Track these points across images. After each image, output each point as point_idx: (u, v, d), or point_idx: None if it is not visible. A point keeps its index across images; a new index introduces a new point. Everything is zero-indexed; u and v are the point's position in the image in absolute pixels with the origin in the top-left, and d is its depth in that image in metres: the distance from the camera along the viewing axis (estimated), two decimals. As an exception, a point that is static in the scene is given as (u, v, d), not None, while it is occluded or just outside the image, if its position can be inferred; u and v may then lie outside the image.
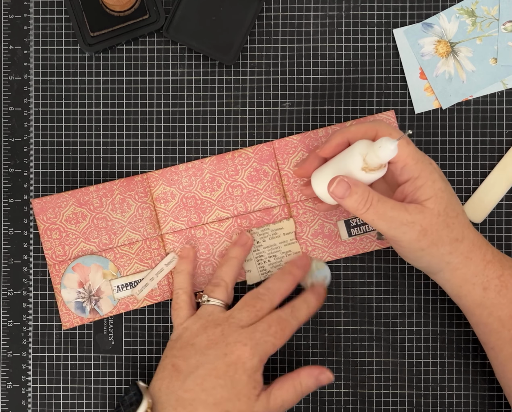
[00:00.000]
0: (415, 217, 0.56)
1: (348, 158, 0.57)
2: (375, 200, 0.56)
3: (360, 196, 0.56)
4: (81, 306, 0.68)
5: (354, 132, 0.58)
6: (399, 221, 0.56)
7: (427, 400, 0.68)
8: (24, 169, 0.70)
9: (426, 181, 0.57)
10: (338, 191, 0.56)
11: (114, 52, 0.69)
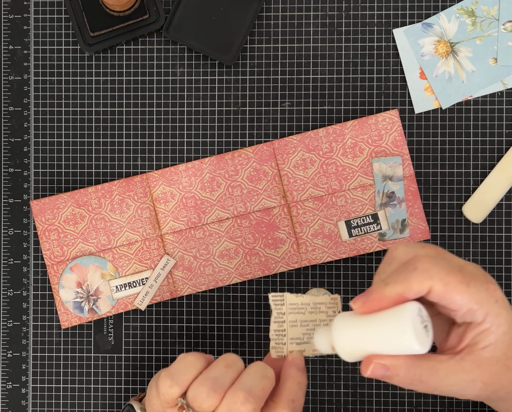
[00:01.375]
0: (474, 375, 0.48)
1: (393, 327, 0.47)
2: (425, 375, 0.48)
3: (403, 377, 0.48)
4: (80, 305, 0.68)
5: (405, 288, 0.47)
6: (458, 386, 0.49)
7: (427, 400, 0.68)
8: (24, 169, 0.70)
9: (490, 327, 0.48)
10: (376, 375, 0.48)
11: (114, 52, 0.69)
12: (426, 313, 0.48)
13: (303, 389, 0.53)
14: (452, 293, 0.47)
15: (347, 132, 0.67)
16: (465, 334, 0.49)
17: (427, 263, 0.47)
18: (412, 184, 0.67)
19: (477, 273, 0.49)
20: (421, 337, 0.46)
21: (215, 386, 0.50)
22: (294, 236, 0.68)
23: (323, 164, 0.68)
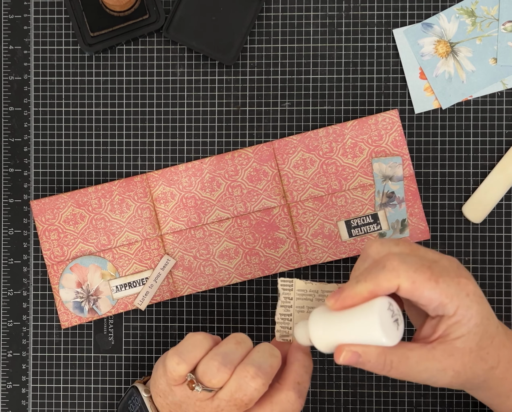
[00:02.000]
0: (445, 363, 0.50)
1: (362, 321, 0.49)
2: (396, 361, 0.49)
3: (374, 363, 0.49)
4: (79, 305, 0.68)
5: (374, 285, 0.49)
6: (429, 373, 0.50)
7: (427, 400, 0.68)
8: (24, 169, 0.70)
9: (461, 319, 0.50)
10: (348, 362, 0.50)
11: (114, 52, 0.69)
12: (397, 307, 0.50)
13: (309, 372, 0.54)
14: (420, 290, 0.49)
15: (347, 132, 0.68)
16: (438, 326, 0.51)
17: (396, 261, 0.49)
18: (412, 184, 0.67)
19: (450, 267, 0.50)
20: (389, 331, 0.49)
21: (225, 361, 0.52)
22: (294, 236, 0.68)
23: (323, 164, 0.68)
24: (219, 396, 0.52)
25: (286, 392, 0.53)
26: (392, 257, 0.49)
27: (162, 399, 0.56)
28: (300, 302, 0.56)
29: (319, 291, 0.56)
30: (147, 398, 0.59)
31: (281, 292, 0.56)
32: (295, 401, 0.53)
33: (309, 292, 0.56)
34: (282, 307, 0.56)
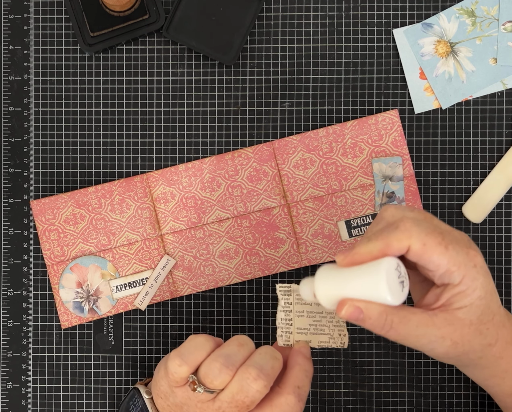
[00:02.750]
0: (444, 331, 0.50)
1: (368, 277, 0.50)
2: (396, 322, 0.50)
3: (375, 321, 0.50)
4: (80, 305, 0.68)
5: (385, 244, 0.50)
6: (427, 339, 0.51)
7: (427, 400, 0.68)
8: (24, 169, 0.70)
9: (466, 289, 0.50)
10: (349, 316, 0.50)
11: (114, 52, 0.69)
12: (405, 270, 0.50)
13: (309, 377, 0.55)
14: (430, 253, 0.49)
15: (347, 132, 0.68)
16: (441, 294, 0.51)
17: (409, 223, 0.50)
18: (412, 184, 0.67)
19: (461, 238, 0.51)
20: (395, 290, 0.49)
21: (227, 363, 0.52)
22: (294, 236, 0.68)
23: (323, 164, 0.68)
24: (220, 398, 0.53)
25: (286, 395, 0.53)
26: (406, 220, 0.50)
27: (163, 401, 0.56)
28: (300, 307, 0.57)
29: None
30: (148, 400, 0.59)
31: (281, 297, 0.57)
32: (294, 404, 0.53)
33: None
34: (283, 312, 0.57)
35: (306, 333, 0.57)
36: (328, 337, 0.57)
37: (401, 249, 0.49)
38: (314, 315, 0.57)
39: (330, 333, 0.57)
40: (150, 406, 0.59)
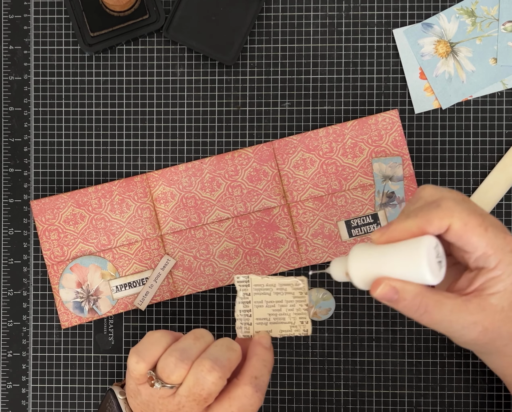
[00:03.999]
0: (477, 317, 0.50)
1: (407, 255, 0.49)
2: (431, 305, 0.49)
3: (409, 302, 0.49)
4: (80, 305, 0.68)
5: (425, 222, 0.49)
6: (460, 324, 0.50)
7: (427, 400, 0.68)
8: (24, 169, 0.70)
9: (501, 275, 0.49)
10: (384, 296, 0.49)
11: (114, 52, 0.69)
12: (443, 250, 0.49)
13: (268, 366, 0.54)
14: (470, 234, 0.49)
15: (347, 132, 0.68)
16: (475, 279, 0.50)
17: (451, 202, 0.49)
18: (412, 184, 0.67)
19: (497, 223, 0.51)
20: (434, 269, 0.48)
21: (182, 357, 0.52)
22: (294, 236, 0.68)
23: (323, 164, 0.68)
24: (179, 392, 0.53)
25: (243, 386, 0.53)
26: (446, 199, 0.50)
27: (133, 400, 0.56)
28: (258, 297, 0.57)
29: (277, 284, 0.56)
30: (122, 400, 0.59)
31: (239, 288, 0.56)
32: (251, 395, 0.53)
33: (266, 286, 0.57)
34: (241, 304, 0.56)
35: (266, 323, 0.57)
36: (289, 326, 0.57)
37: (441, 227, 0.49)
38: (274, 305, 0.57)
39: (291, 322, 0.57)
40: (124, 407, 0.59)
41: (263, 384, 0.54)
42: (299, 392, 0.69)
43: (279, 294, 0.57)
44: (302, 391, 0.68)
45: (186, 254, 0.68)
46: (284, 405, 0.68)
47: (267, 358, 0.55)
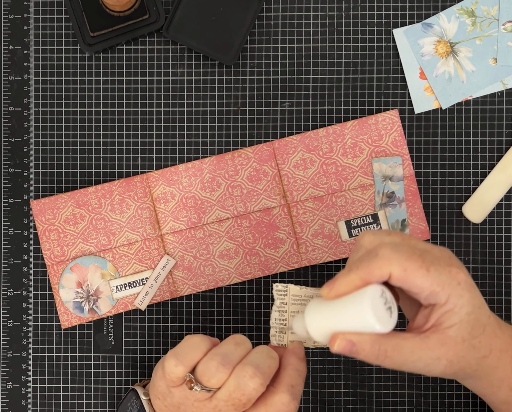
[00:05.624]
0: (439, 352, 0.50)
1: (354, 309, 0.49)
2: (390, 351, 0.50)
3: (369, 352, 0.50)
4: (80, 305, 0.68)
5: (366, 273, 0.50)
6: (423, 362, 0.50)
7: (427, 400, 0.68)
8: (24, 169, 0.70)
9: (453, 308, 0.50)
10: (343, 350, 0.50)
11: (114, 52, 0.69)
12: (391, 295, 0.50)
13: (302, 376, 0.55)
14: (412, 277, 0.49)
15: (347, 132, 0.68)
16: (430, 315, 0.51)
17: (388, 250, 0.50)
18: (412, 184, 0.67)
19: (441, 256, 0.51)
20: (382, 317, 0.49)
21: (224, 361, 0.52)
22: (294, 236, 0.68)
23: (323, 164, 0.68)
24: (217, 396, 0.53)
25: (280, 394, 0.53)
26: (384, 246, 0.50)
27: (161, 401, 0.56)
28: (295, 307, 0.57)
29: (314, 296, 0.57)
30: (146, 401, 0.59)
31: (276, 297, 0.57)
32: (289, 403, 0.53)
33: (304, 297, 0.57)
34: (277, 312, 0.57)
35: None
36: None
37: (382, 276, 0.49)
38: None
39: None
40: (148, 407, 0.59)
41: (299, 393, 0.54)
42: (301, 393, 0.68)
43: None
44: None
45: (186, 254, 0.68)
46: (284, 405, 0.68)
47: (301, 368, 0.55)
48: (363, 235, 0.53)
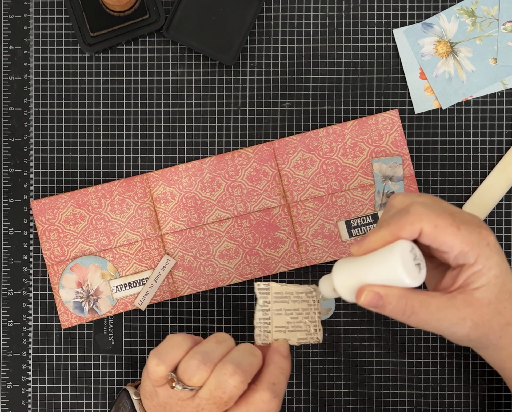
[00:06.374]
0: (465, 312, 0.51)
1: (384, 261, 0.50)
2: (417, 306, 0.50)
3: (395, 306, 0.50)
4: (80, 305, 0.68)
5: (397, 228, 0.50)
6: (448, 322, 0.51)
7: (427, 400, 0.68)
8: (24, 169, 0.70)
9: (481, 268, 0.50)
10: (369, 303, 0.50)
11: (114, 52, 0.69)
12: (420, 253, 0.50)
13: (285, 374, 0.55)
14: (442, 234, 0.49)
15: (347, 132, 0.68)
16: (458, 276, 0.51)
17: (419, 207, 0.50)
18: (412, 184, 0.67)
19: (472, 219, 0.51)
20: (412, 271, 0.49)
21: (205, 360, 0.52)
22: (294, 236, 0.68)
23: (323, 164, 0.68)
24: (199, 395, 0.53)
25: (261, 392, 0.53)
26: (416, 204, 0.50)
27: (149, 401, 0.56)
28: (278, 305, 0.57)
29: (294, 292, 0.57)
30: (137, 401, 0.60)
31: (259, 296, 0.57)
32: (269, 401, 0.53)
33: (285, 294, 0.57)
34: (261, 311, 0.57)
35: (285, 331, 0.57)
36: (305, 333, 0.57)
37: (413, 232, 0.50)
38: (292, 313, 0.57)
39: (306, 329, 0.57)
40: (138, 407, 0.59)
41: (281, 391, 0.54)
42: (299, 392, 0.69)
43: (296, 302, 0.57)
44: (302, 391, 0.68)
45: (186, 254, 0.68)
46: (284, 405, 0.68)
47: (285, 365, 0.55)
48: (394, 196, 0.53)
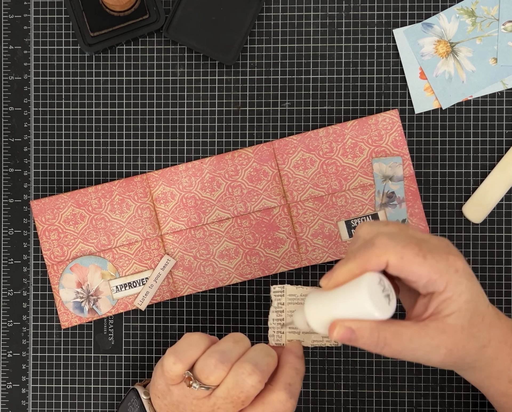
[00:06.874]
0: (438, 340, 0.50)
1: (353, 296, 0.50)
2: (389, 338, 0.50)
3: (368, 339, 0.50)
4: (80, 305, 0.68)
5: (363, 262, 0.50)
6: (422, 351, 0.50)
7: (427, 400, 0.68)
8: (24, 169, 0.70)
9: (451, 295, 0.50)
10: (342, 337, 0.50)
11: (114, 52, 0.69)
12: (389, 283, 0.50)
13: (300, 374, 0.55)
14: (409, 265, 0.49)
15: (347, 132, 0.68)
16: (429, 303, 0.51)
17: (385, 238, 0.50)
18: (412, 184, 0.67)
19: (439, 245, 0.51)
20: (380, 304, 0.49)
21: (223, 359, 0.52)
22: (294, 236, 0.68)
23: (323, 164, 0.68)
24: (216, 394, 0.53)
25: (277, 392, 0.53)
26: (381, 235, 0.50)
27: (161, 400, 0.56)
28: (292, 307, 0.57)
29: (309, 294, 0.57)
30: (146, 400, 0.59)
31: (273, 298, 0.57)
32: (286, 401, 0.53)
33: (300, 296, 0.57)
34: (275, 313, 0.57)
35: (299, 332, 0.57)
36: (322, 336, 0.57)
37: (379, 264, 0.49)
38: None
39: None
40: (148, 407, 0.59)
41: (296, 391, 0.54)
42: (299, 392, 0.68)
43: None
44: (302, 391, 0.68)
45: (186, 254, 0.68)
46: (284, 405, 0.68)
47: (300, 366, 0.55)
48: (360, 226, 0.53)
